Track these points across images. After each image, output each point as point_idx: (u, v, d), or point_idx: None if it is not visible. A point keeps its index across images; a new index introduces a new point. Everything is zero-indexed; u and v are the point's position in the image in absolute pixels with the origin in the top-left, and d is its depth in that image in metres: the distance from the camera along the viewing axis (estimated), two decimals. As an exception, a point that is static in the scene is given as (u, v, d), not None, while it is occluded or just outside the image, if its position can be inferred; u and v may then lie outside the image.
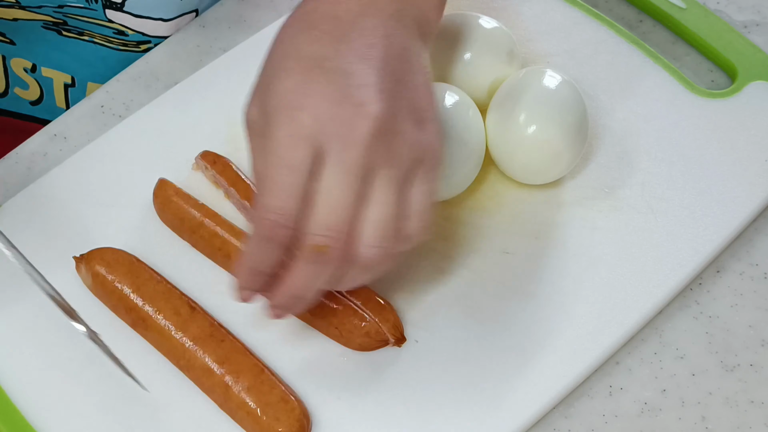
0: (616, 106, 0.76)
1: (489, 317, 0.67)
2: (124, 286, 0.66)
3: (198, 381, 0.64)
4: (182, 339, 0.64)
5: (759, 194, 0.72)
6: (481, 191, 0.72)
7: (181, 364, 0.64)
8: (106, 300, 0.67)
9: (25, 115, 0.87)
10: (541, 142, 0.69)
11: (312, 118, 0.56)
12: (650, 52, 0.78)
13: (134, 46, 0.83)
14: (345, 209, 0.57)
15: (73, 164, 0.73)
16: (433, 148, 0.59)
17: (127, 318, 0.66)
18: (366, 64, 0.58)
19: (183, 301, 0.66)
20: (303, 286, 0.59)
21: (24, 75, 0.85)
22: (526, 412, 0.64)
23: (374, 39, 0.59)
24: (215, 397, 0.63)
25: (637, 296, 0.68)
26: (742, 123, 0.75)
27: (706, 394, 0.66)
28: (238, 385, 0.62)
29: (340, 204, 0.57)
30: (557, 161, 0.70)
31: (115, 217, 0.70)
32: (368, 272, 0.60)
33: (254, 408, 0.62)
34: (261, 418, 0.62)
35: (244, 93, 0.75)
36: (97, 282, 0.66)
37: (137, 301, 0.65)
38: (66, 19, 0.82)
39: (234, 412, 0.63)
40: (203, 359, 0.63)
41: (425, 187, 0.59)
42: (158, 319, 0.64)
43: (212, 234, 0.68)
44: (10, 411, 0.63)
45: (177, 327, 0.65)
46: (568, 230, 0.70)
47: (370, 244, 0.58)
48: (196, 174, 0.72)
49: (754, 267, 0.71)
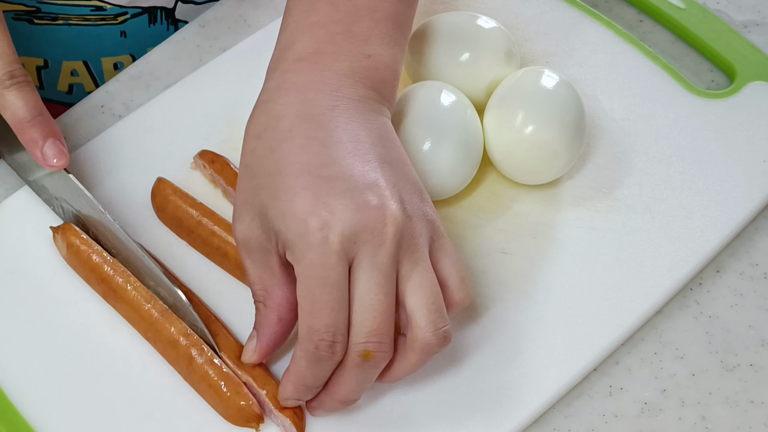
0: (614, 107, 0.76)
1: (486, 317, 0.67)
2: (97, 256, 0.66)
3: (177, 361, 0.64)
4: (152, 310, 0.64)
5: (757, 195, 0.72)
6: (479, 191, 0.72)
7: (149, 336, 0.64)
8: (79, 270, 0.67)
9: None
10: (538, 142, 0.69)
11: (340, 236, 0.57)
12: (649, 53, 0.78)
13: (111, 20, 0.84)
14: (386, 309, 0.58)
15: (71, 163, 0.73)
16: (434, 215, 0.61)
17: (99, 289, 0.66)
18: (360, 161, 0.59)
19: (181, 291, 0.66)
20: (352, 392, 0.60)
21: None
22: (523, 412, 0.64)
23: (354, 130, 0.60)
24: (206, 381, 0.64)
25: (634, 297, 0.68)
26: (741, 123, 0.75)
27: (706, 394, 0.66)
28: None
29: (380, 306, 0.58)
30: (554, 161, 0.70)
31: (113, 215, 0.70)
32: (429, 357, 0.60)
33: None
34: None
35: (243, 93, 0.76)
36: (71, 252, 0.67)
37: (109, 272, 0.66)
38: (39, 6, 0.83)
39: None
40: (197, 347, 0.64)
41: (448, 252, 0.61)
42: (130, 291, 0.65)
43: (210, 233, 0.68)
44: (9, 411, 0.63)
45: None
46: (565, 230, 0.70)
47: (429, 329, 0.59)
48: (195, 173, 0.72)
49: (754, 267, 0.71)
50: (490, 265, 0.69)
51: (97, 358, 0.65)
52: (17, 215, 0.71)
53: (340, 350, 0.58)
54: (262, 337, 0.62)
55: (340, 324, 0.58)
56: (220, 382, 0.62)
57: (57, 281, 0.68)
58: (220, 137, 0.74)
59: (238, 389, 0.62)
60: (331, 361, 0.59)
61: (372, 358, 0.58)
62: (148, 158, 0.73)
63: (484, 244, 0.70)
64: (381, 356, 0.59)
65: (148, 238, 0.69)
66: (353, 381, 0.60)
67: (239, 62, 0.77)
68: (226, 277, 0.68)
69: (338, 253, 0.57)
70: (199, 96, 0.76)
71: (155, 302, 0.65)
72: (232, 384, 0.62)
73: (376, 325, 0.58)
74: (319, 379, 0.60)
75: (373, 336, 0.58)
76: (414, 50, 0.73)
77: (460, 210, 0.71)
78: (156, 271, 0.65)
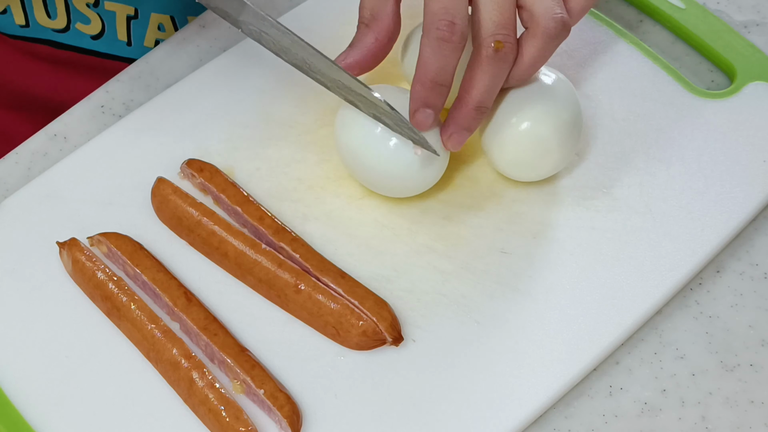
0: (614, 107, 0.76)
1: (487, 317, 0.67)
2: (102, 273, 0.66)
3: (173, 374, 0.64)
4: (154, 330, 0.64)
5: (757, 195, 0.72)
6: (479, 191, 0.72)
7: (152, 356, 0.64)
8: (84, 286, 0.67)
9: (85, 49, 0.88)
10: (531, 137, 0.69)
11: None
12: (649, 53, 0.78)
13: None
14: (509, 5, 0.63)
15: (72, 163, 0.73)
16: None
17: (102, 306, 0.66)
18: None
19: (180, 291, 0.66)
20: (486, 91, 0.65)
21: (86, 10, 0.85)
22: (523, 412, 0.64)
23: None
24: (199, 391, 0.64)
25: (634, 296, 0.68)
26: (741, 123, 0.75)
27: (706, 394, 0.66)
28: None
29: (503, 1, 0.63)
30: (549, 157, 0.70)
31: (113, 215, 0.71)
32: (551, 45, 0.65)
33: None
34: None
35: (243, 93, 0.76)
36: (76, 268, 0.67)
37: (114, 289, 0.66)
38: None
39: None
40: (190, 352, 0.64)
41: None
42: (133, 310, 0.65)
43: (210, 233, 0.68)
44: (9, 411, 0.64)
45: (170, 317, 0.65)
46: (566, 230, 0.70)
47: (548, 14, 0.64)
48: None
49: (754, 267, 0.71)
50: (490, 265, 0.69)
51: (97, 358, 0.65)
52: (17, 215, 0.71)
53: (459, 34, 0.63)
54: (355, 49, 0.66)
55: (459, 7, 0.62)
56: (220, 407, 0.62)
57: (57, 281, 0.68)
58: (219, 137, 0.74)
59: (238, 414, 0.62)
60: (452, 44, 0.63)
61: (502, 48, 0.63)
62: (148, 158, 0.73)
63: (485, 243, 0.70)
64: (510, 47, 0.64)
65: (148, 238, 0.69)
66: (487, 77, 0.64)
67: (239, 62, 0.77)
68: (226, 277, 0.68)
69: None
70: (199, 96, 0.76)
71: (158, 322, 0.65)
72: (232, 409, 0.62)
73: (503, 18, 0.63)
74: (443, 69, 0.64)
75: (501, 28, 0.63)
76: (409, 50, 0.73)
77: (461, 210, 0.71)
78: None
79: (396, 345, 0.65)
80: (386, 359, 0.66)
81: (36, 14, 0.85)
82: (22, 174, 0.74)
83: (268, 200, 0.71)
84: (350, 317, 0.65)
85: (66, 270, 0.68)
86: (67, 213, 0.71)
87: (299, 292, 0.66)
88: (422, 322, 0.67)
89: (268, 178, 0.72)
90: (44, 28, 0.86)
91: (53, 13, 0.85)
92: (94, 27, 0.86)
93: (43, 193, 0.72)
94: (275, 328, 0.67)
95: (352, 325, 0.65)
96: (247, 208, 0.69)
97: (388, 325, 0.65)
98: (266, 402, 0.62)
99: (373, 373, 0.65)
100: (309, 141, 0.74)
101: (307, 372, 0.65)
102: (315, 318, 0.66)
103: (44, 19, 0.85)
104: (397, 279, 0.68)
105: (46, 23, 0.86)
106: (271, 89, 0.76)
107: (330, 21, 0.79)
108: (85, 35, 0.86)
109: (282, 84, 0.76)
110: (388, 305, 0.66)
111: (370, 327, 0.65)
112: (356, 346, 0.65)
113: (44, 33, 0.86)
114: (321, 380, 0.65)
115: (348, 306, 0.65)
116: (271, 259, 0.67)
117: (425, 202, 0.71)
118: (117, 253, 0.67)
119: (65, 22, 0.86)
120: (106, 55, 0.86)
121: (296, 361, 0.65)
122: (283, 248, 0.68)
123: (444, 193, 0.72)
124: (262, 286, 0.67)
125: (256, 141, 0.74)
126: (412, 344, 0.66)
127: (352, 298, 0.65)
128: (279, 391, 0.63)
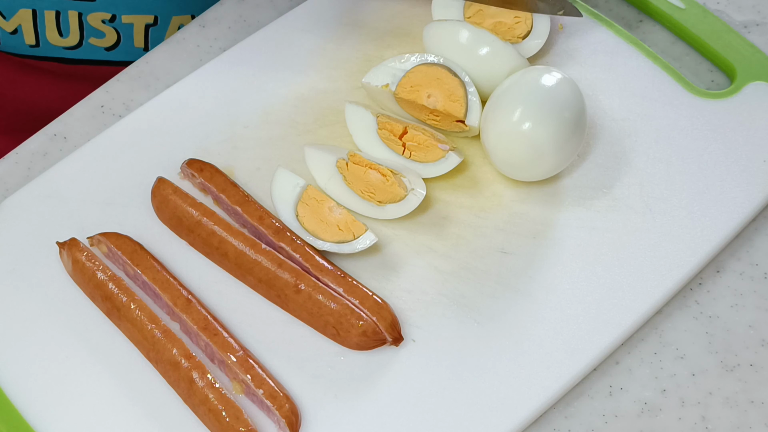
0: (614, 107, 0.76)
1: (487, 317, 0.67)
2: (102, 273, 0.66)
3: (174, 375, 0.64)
4: (154, 330, 0.64)
5: (757, 195, 0.72)
6: (479, 191, 0.72)
7: (152, 356, 0.64)
8: (84, 287, 0.67)
9: (97, 60, 0.88)
10: (534, 137, 0.69)
11: None
12: (649, 53, 0.78)
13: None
14: None
15: (72, 163, 0.73)
16: None
17: (102, 306, 0.66)
18: None
19: (180, 291, 0.66)
20: None
21: (101, 26, 0.86)
22: (523, 411, 0.64)
23: None
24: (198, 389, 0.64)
25: (634, 297, 0.68)
26: (741, 123, 0.75)
27: (706, 394, 0.66)
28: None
29: None
30: (550, 158, 0.70)
31: (113, 215, 0.71)
32: None
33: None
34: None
35: (243, 92, 0.76)
36: (76, 269, 0.67)
37: (114, 290, 0.66)
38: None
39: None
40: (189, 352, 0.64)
41: None
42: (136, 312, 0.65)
43: (210, 233, 0.68)
44: (9, 411, 0.64)
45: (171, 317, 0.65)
46: (565, 230, 0.70)
47: None
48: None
49: (754, 267, 0.71)
50: (490, 265, 0.69)
51: (96, 358, 0.65)
52: (17, 215, 0.71)
53: None
54: None
55: None
56: (219, 407, 0.62)
57: (57, 281, 0.68)
58: (219, 137, 0.74)
59: (238, 415, 0.62)
60: None
61: None
62: (148, 158, 0.73)
63: (485, 243, 0.70)
64: None
65: (148, 238, 0.69)
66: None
67: (239, 62, 0.77)
68: (226, 277, 0.68)
69: None
70: (199, 96, 0.76)
71: (158, 322, 0.65)
72: (232, 409, 0.62)
73: None
74: None
75: None
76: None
77: (461, 210, 0.71)
78: None
79: (396, 345, 0.65)
80: (386, 359, 0.66)
81: (48, 34, 0.85)
82: (22, 174, 0.74)
83: (268, 200, 0.71)
84: (350, 317, 0.65)
85: (66, 270, 0.68)
86: (67, 213, 0.71)
87: (299, 292, 0.66)
88: (422, 322, 0.67)
89: (268, 178, 0.72)
90: (55, 46, 0.86)
91: (66, 31, 0.85)
92: (109, 40, 0.86)
93: (43, 193, 0.72)
94: (275, 328, 0.67)
95: (352, 325, 0.65)
96: (247, 208, 0.69)
97: (388, 325, 0.65)
98: (265, 402, 0.62)
99: (373, 373, 0.65)
100: (309, 141, 0.74)
101: (307, 372, 0.65)
102: (315, 318, 0.66)
103: (56, 38, 0.85)
104: (397, 279, 0.68)
105: (57, 42, 0.85)
106: (271, 89, 0.76)
107: (330, 21, 0.79)
108: (99, 48, 0.86)
109: (282, 84, 0.76)
110: (388, 305, 0.66)
111: (370, 327, 0.65)
112: (356, 346, 0.65)
113: (54, 51, 0.86)
114: (321, 380, 0.65)
115: (348, 306, 0.65)
116: (271, 259, 0.67)
117: (425, 202, 0.71)
118: (117, 253, 0.67)
119: (78, 39, 0.86)
120: (121, 63, 0.84)
121: (296, 361, 0.65)
122: (283, 248, 0.68)
123: (444, 193, 0.72)
124: (262, 286, 0.67)
125: (256, 141, 0.74)
126: (412, 344, 0.66)
127: (352, 298, 0.65)
128: (278, 391, 0.63)
